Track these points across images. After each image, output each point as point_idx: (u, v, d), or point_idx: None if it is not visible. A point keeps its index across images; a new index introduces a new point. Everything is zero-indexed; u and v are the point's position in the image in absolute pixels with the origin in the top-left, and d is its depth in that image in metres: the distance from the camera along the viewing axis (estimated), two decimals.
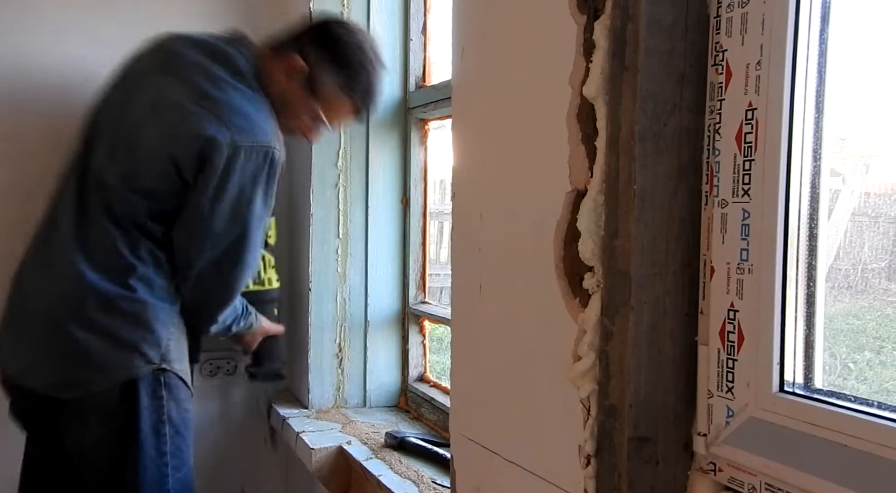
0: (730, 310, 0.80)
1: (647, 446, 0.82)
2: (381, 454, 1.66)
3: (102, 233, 1.51)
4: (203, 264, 1.55)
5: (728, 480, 0.81)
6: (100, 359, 1.48)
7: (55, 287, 1.50)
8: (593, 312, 0.84)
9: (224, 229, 1.52)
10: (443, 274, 2.86)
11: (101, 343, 1.47)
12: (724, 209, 0.80)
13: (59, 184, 1.62)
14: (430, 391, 1.91)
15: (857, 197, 0.86)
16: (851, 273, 0.89)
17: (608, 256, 0.83)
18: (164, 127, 1.50)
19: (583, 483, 0.86)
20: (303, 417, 1.94)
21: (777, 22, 0.74)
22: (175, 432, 1.54)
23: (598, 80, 0.82)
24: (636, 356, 0.80)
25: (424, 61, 1.98)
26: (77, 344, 1.47)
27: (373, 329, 2.01)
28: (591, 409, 0.85)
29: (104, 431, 1.50)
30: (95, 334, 1.47)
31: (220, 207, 1.50)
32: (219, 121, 1.47)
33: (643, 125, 0.79)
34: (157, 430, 1.50)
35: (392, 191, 2.00)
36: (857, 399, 0.72)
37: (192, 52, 1.59)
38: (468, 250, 1.09)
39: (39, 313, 1.52)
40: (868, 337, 0.93)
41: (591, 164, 0.84)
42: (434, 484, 1.49)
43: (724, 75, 0.79)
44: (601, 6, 0.82)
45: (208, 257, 1.54)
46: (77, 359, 1.48)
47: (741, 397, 0.79)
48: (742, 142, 0.77)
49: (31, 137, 1.89)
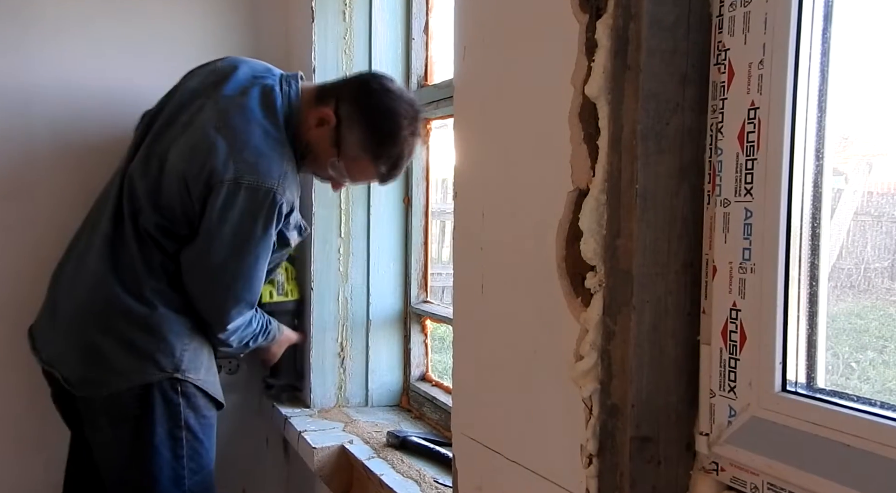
0: (732, 309, 0.79)
1: (649, 445, 0.82)
2: (382, 453, 1.66)
3: (128, 243, 1.57)
4: (198, 291, 1.58)
5: (730, 480, 0.81)
6: (114, 363, 1.55)
7: (84, 292, 1.58)
8: (595, 311, 0.84)
9: (222, 261, 1.55)
10: (445, 273, 2.86)
11: (117, 349, 1.54)
12: (726, 209, 0.79)
13: (108, 183, 1.68)
14: (432, 391, 1.92)
15: (860, 196, 0.86)
16: (854, 273, 0.88)
17: (610, 255, 0.83)
18: (185, 147, 1.55)
19: (585, 483, 0.86)
20: (305, 416, 1.94)
21: (780, 21, 0.74)
22: (193, 437, 1.59)
23: (601, 79, 0.82)
24: (638, 356, 0.80)
25: (426, 60, 1.98)
26: (95, 346, 1.55)
27: (375, 328, 2.01)
28: (593, 408, 0.85)
29: (116, 433, 1.57)
30: (114, 339, 1.54)
31: (218, 239, 1.53)
32: (229, 153, 1.50)
33: (645, 124, 0.79)
34: (173, 435, 1.56)
35: (394, 190, 2.00)
36: (859, 399, 0.72)
37: (241, 79, 1.62)
38: (470, 250, 1.09)
39: (69, 311, 1.60)
40: (871, 337, 0.92)
41: (593, 163, 0.84)
42: (436, 483, 1.49)
43: (726, 74, 0.79)
44: (603, 5, 0.82)
45: (203, 286, 1.58)
46: (93, 360, 1.56)
47: (743, 396, 0.79)
48: (744, 141, 0.77)
49: (38, 139, 1.89)
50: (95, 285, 1.56)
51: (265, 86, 1.61)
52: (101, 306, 1.56)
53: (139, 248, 1.56)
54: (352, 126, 1.59)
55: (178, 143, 1.56)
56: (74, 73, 1.89)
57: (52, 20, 1.87)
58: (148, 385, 1.54)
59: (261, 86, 1.61)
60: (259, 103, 1.58)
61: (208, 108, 1.58)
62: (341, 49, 1.94)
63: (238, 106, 1.57)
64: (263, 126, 1.56)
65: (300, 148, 1.62)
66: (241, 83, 1.62)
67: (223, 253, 1.54)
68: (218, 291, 1.58)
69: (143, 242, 1.57)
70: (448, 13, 1.56)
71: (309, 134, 1.62)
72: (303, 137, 1.62)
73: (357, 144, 1.60)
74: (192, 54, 2.00)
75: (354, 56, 1.95)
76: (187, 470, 1.58)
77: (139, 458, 1.55)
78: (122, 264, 1.56)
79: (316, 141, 1.62)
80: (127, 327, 1.54)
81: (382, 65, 1.96)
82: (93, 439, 1.63)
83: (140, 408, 1.54)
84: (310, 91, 1.66)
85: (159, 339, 1.55)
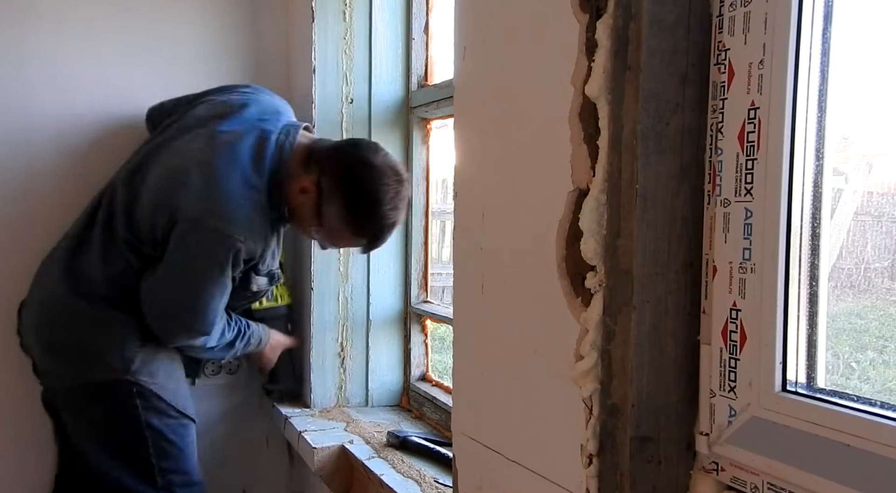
0: (732, 309, 0.79)
1: (649, 445, 0.82)
2: (383, 453, 1.66)
3: (93, 247, 1.62)
4: (151, 316, 1.60)
5: (730, 479, 0.81)
6: (68, 359, 1.62)
7: (46, 288, 1.66)
8: (595, 311, 0.84)
9: (176, 293, 1.58)
10: (445, 273, 2.86)
11: (69, 346, 1.61)
12: (726, 209, 0.79)
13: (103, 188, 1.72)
14: (432, 391, 1.91)
15: (860, 196, 0.86)
16: (854, 272, 0.88)
17: (610, 255, 0.83)
18: (163, 174, 1.58)
19: (585, 483, 0.86)
20: (305, 416, 1.94)
21: (780, 21, 0.74)
22: (160, 436, 1.63)
23: (601, 79, 0.82)
24: (638, 356, 0.80)
25: (426, 60, 1.98)
26: (52, 341, 1.64)
27: (375, 328, 2.01)
28: (594, 408, 0.85)
29: (78, 426, 1.65)
30: (67, 337, 1.61)
31: (175, 272, 1.56)
32: (198, 193, 1.53)
33: (645, 124, 0.79)
34: (134, 433, 1.61)
35: None
36: (859, 399, 0.72)
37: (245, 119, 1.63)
38: (470, 250, 1.09)
39: (35, 305, 1.68)
40: (871, 336, 0.92)
41: (594, 163, 0.84)
42: (436, 483, 1.49)
43: (726, 74, 0.79)
44: (603, 5, 0.82)
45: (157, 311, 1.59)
46: (51, 354, 1.65)
47: (743, 396, 0.79)
48: (744, 141, 0.77)
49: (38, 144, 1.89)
50: (54, 283, 1.63)
51: (263, 132, 1.61)
52: (56, 303, 1.62)
53: (103, 254, 1.60)
54: (331, 201, 1.59)
55: (159, 168, 1.59)
56: (74, 74, 1.89)
57: (52, 20, 1.87)
58: (104, 384, 1.59)
59: (259, 131, 1.61)
60: (251, 148, 1.58)
61: (199, 140, 1.60)
62: (341, 49, 1.94)
63: (227, 146, 1.58)
64: (245, 173, 1.56)
65: (284, 207, 1.62)
66: (243, 123, 1.62)
67: (177, 287, 1.57)
68: (169, 319, 1.60)
69: (107, 249, 1.60)
70: (448, 13, 1.57)
71: (293, 199, 1.62)
72: (288, 199, 1.62)
73: (337, 219, 1.61)
74: (192, 54, 2.01)
75: (354, 56, 1.95)
76: (157, 468, 1.62)
77: (101, 452, 1.61)
78: (81, 266, 1.61)
79: (299, 207, 1.63)
80: (79, 327, 1.60)
81: (382, 65, 1.96)
82: (66, 428, 1.69)
83: (97, 404, 1.61)
84: (302, 150, 1.63)
85: (109, 341, 1.59)
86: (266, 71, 2.10)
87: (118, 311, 1.60)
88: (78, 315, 1.60)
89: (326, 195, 1.59)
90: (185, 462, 1.67)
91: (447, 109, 1.79)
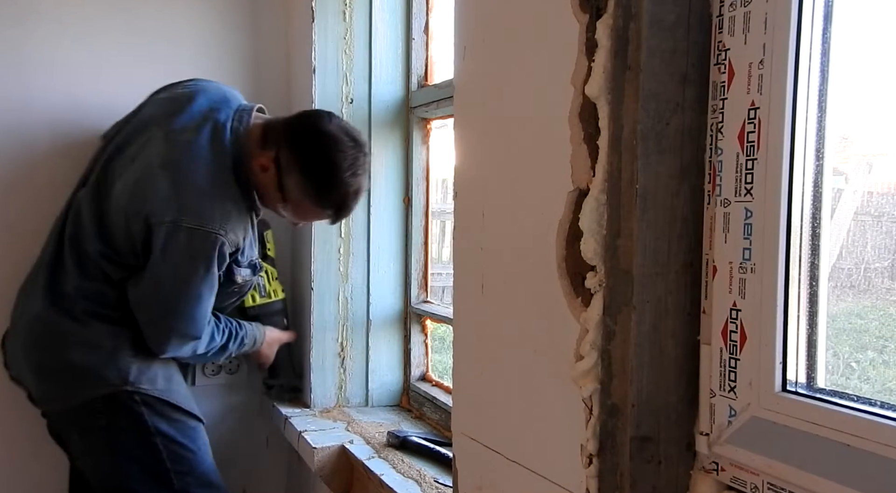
0: (732, 309, 0.79)
1: (649, 445, 0.82)
2: (383, 453, 1.66)
3: (67, 266, 1.60)
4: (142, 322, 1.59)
5: (730, 479, 0.81)
6: (63, 381, 1.59)
7: (30, 314, 1.63)
8: (595, 311, 0.84)
9: (164, 299, 1.57)
10: (445, 273, 2.86)
11: (62, 368, 1.58)
12: (726, 209, 0.79)
13: (66, 203, 1.69)
14: (432, 391, 1.91)
15: (860, 196, 0.86)
16: (854, 272, 0.88)
17: (610, 255, 0.83)
18: (130, 182, 1.56)
19: (585, 483, 0.86)
20: (305, 416, 1.94)
21: (780, 21, 0.74)
22: (171, 441, 1.61)
23: (601, 79, 0.82)
24: (638, 356, 0.80)
25: (426, 60, 1.98)
26: (43, 365, 1.60)
27: (375, 328, 2.01)
28: (594, 408, 0.85)
29: (87, 444, 1.62)
30: (59, 359, 1.58)
31: (161, 278, 1.55)
32: (171, 193, 1.51)
33: (645, 124, 0.79)
34: (145, 442, 1.59)
35: (394, 190, 2.00)
36: (859, 399, 0.72)
37: (195, 112, 1.61)
38: (470, 250, 1.09)
39: (21, 331, 1.65)
40: (871, 336, 0.92)
41: (594, 163, 0.84)
42: (436, 483, 1.49)
43: (726, 74, 0.79)
44: (603, 5, 0.82)
45: (147, 319, 1.59)
46: (44, 378, 1.61)
47: (743, 396, 0.79)
48: (744, 141, 0.77)
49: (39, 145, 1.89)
50: (37, 305, 1.60)
51: (216, 122, 1.60)
52: (42, 328, 1.60)
53: (79, 270, 1.59)
54: (290, 173, 1.59)
55: (123, 177, 1.57)
56: (74, 74, 1.89)
57: (52, 20, 1.87)
58: (105, 397, 1.57)
59: (213, 122, 1.60)
60: (208, 140, 1.57)
61: (156, 141, 1.58)
62: (341, 49, 1.94)
63: (186, 143, 1.56)
64: (209, 165, 1.55)
65: (254, 192, 1.62)
66: (194, 117, 1.60)
67: (165, 292, 1.56)
68: (160, 325, 1.59)
69: (83, 266, 1.59)
70: (448, 13, 1.57)
71: (256, 178, 1.62)
72: (253, 182, 1.62)
73: (297, 190, 1.60)
74: (193, 54, 2.01)
75: (354, 56, 1.95)
76: (173, 473, 1.60)
77: (115, 466, 1.59)
78: (59, 287, 1.59)
79: (262, 185, 1.62)
80: (69, 347, 1.57)
81: (382, 65, 1.96)
82: (72, 450, 1.68)
83: (105, 419, 1.58)
84: (258, 129, 1.63)
85: (102, 355, 1.57)
86: (266, 71, 2.10)
87: (107, 324, 1.59)
88: (66, 334, 1.57)
89: (285, 168, 1.59)
90: (201, 464, 1.65)
91: (447, 109, 1.79)
